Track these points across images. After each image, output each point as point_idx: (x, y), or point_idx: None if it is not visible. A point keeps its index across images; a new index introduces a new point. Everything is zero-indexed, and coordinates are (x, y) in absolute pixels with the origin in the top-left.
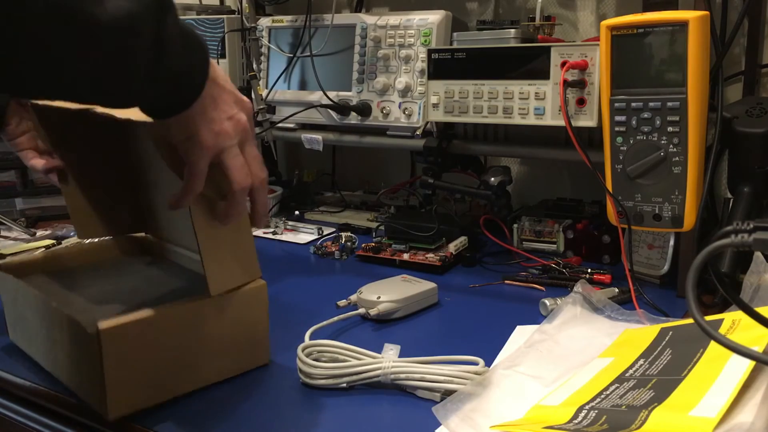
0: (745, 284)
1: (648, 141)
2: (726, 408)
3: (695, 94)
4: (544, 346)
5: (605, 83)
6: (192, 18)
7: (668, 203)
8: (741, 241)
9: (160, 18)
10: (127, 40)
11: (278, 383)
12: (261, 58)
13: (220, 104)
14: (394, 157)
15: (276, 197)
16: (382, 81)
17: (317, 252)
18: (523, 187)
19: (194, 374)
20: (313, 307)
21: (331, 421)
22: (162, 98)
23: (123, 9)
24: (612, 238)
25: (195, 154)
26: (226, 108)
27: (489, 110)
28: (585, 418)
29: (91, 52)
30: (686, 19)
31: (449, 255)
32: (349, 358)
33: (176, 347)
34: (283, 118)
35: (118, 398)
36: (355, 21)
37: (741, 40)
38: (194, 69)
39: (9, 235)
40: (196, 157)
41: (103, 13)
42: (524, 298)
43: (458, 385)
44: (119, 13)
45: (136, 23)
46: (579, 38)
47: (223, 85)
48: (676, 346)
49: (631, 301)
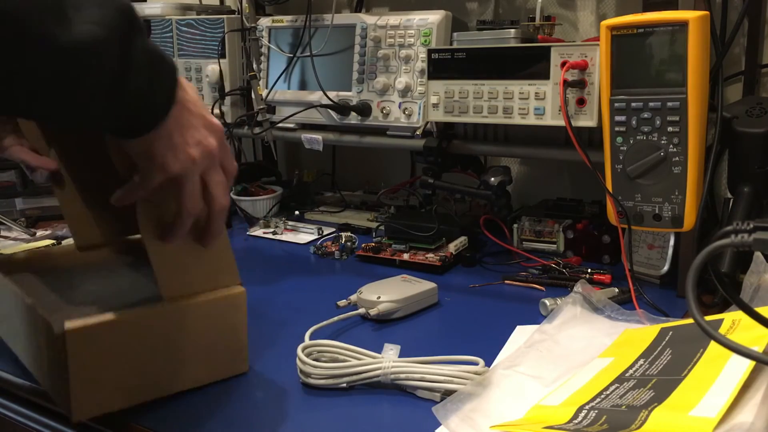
0: (745, 284)
1: (648, 141)
2: (726, 408)
3: (695, 94)
4: (544, 346)
5: (605, 83)
6: (192, 18)
7: (668, 203)
8: (741, 241)
9: (127, 41)
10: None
11: (278, 383)
12: (261, 58)
13: (188, 129)
14: (394, 157)
15: (276, 197)
16: (382, 81)
17: (317, 252)
18: (523, 187)
19: (165, 380)
20: (313, 307)
21: (331, 421)
22: (123, 120)
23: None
24: (612, 238)
25: (152, 173)
26: (193, 133)
27: (489, 110)
28: (585, 418)
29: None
30: (686, 19)
31: (449, 255)
32: (349, 358)
33: (145, 352)
34: (283, 118)
35: (83, 400)
36: (355, 21)
37: (741, 40)
38: (160, 92)
39: (9, 235)
40: (152, 175)
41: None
42: (524, 298)
43: (458, 385)
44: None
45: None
46: (579, 38)
47: (193, 109)
48: (676, 346)
49: (631, 301)
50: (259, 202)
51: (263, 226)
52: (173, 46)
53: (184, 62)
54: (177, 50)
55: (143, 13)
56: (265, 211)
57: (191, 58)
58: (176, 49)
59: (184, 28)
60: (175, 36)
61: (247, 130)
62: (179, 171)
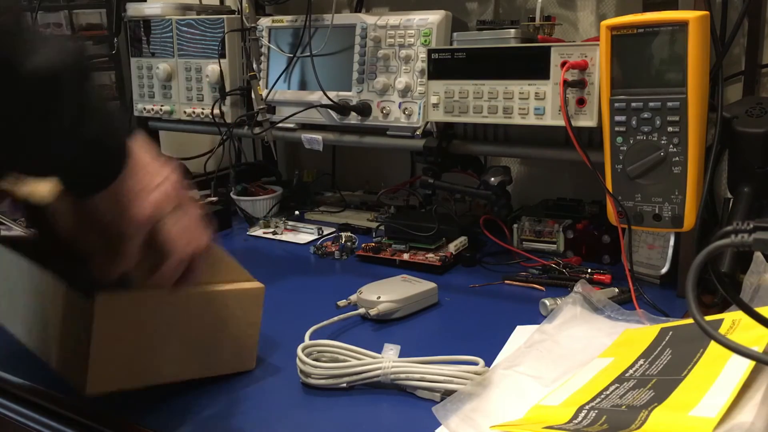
0: (745, 284)
1: (648, 141)
2: (726, 408)
3: (695, 94)
4: (544, 346)
5: (605, 83)
6: (192, 18)
7: (668, 203)
8: (741, 241)
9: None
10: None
11: (278, 383)
12: (261, 58)
13: (147, 174)
14: (394, 157)
15: (276, 197)
16: (382, 81)
17: (317, 252)
18: (523, 187)
19: (178, 365)
20: (313, 307)
21: (331, 421)
22: (85, 168)
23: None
24: (612, 238)
25: (130, 231)
26: (153, 178)
27: (489, 110)
28: (585, 418)
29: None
30: (686, 19)
31: (449, 255)
32: (349, 358)
33: (165, 332)
34: (283, 118)
35: (99, 373)
36: (355, 21)
37: (741, 40)
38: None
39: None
40: (130, 234)
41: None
42: (524, 298)
43: (458, 385)
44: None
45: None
46: (579, 38)
47: (147, 153)
48: (676, 346)
49: (631, 301)
50: (259, 202)
51: (263, 226)
52: (173, 46)
53: (185, 62)
54: (177, 50)
55: (143, 13)
56: (265, 211)
57: (191, 58)
58: (176, 49)
59: (184, 28)
60: (175, 36)
61: (247, 130)
62: (153, 217)
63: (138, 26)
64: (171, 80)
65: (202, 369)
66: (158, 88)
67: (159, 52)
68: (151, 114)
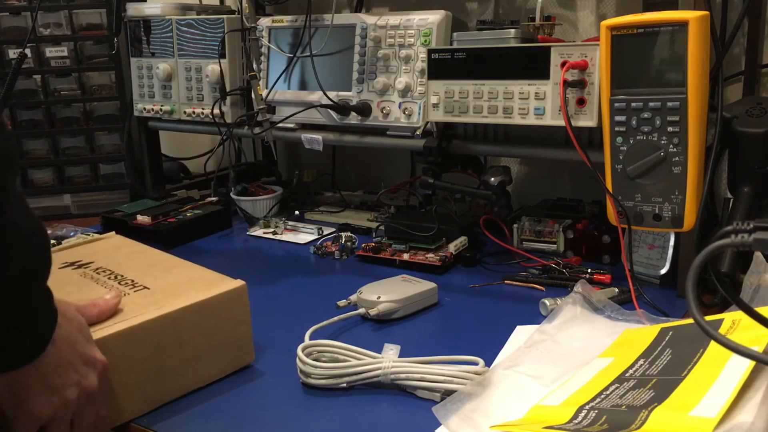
0: (745, 284)
1: (648, 141)
2: (726, 408)
3: (695, 94)
4: (544, 346)
5: (605, 83)
6: (192, 18)
7: (668, 203)
8: (741, 241)
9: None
10: None
11: (278, 383)
12: (261, 58)
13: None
14: (394, 157)
15: (276, 197)
16: (382, 81)
17: (317, 252)
18: (523, 187)
19: (178, 382)
20: (313, 307)
21: (331, 421)
22: None
23: None
24: (612, 238)
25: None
26: (71, 374)
27: (489, 110)
28: (585, 418)
29: None
30: (686, 19)
31: (449, 255)
32: (349, 358)
33: (157, 357)
34: (283, 118)
35: None
36: (355, 21)
37: (741, 40)
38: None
39: None
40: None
41: None
42: (524, 298)
43: (458, 385)
44: None
45: None
46: (579, 38)
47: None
48: (676, 346)
49: (631, 301)
50: (259, 202)
51: (263, 226)
52: (173, 46)
53: (185, 62)
54: (177, 50)
55: (143, 13)
56: (265, 211)
57: (191, 58)
58: (176, 49)
59: (184, 28)
60: (175, 36)
61: (247, 130)
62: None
63: (138, 26)
64: (171, 80)
65: (205, 377)
66: (158, 88)
67: (159, 52)
68: (151, 114)
